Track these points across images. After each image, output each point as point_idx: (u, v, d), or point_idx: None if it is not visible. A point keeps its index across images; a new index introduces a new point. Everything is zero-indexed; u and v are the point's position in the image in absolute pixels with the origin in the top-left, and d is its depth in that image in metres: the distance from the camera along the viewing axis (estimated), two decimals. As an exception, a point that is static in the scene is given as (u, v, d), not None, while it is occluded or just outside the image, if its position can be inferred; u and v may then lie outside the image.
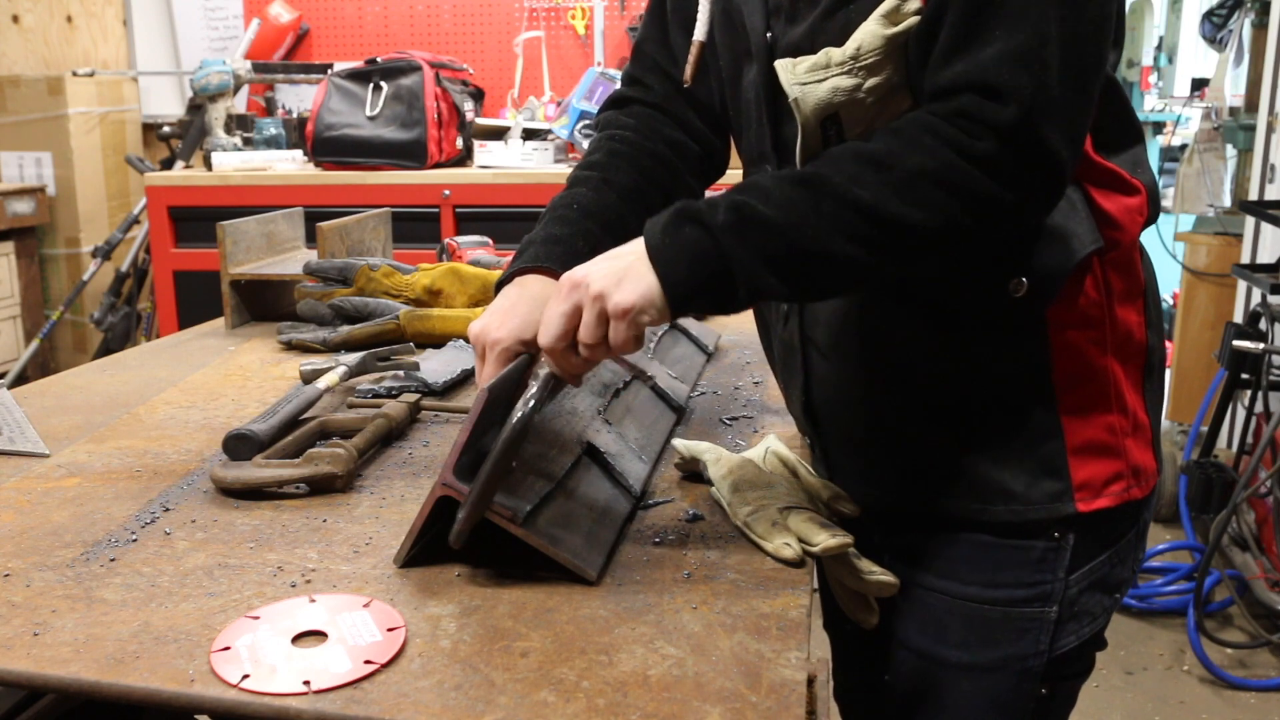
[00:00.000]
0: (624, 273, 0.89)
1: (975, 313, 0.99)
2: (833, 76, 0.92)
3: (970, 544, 1.05)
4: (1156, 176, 1.04)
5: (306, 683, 0.77)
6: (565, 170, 3.09)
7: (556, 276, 0.98)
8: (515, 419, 0.88)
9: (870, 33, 0.91)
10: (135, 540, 1.02)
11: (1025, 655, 1.05)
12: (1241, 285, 3.46)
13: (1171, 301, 4.10)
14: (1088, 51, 0.87)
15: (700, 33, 1.12)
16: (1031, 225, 0.95)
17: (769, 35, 1.02)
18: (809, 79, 0.92)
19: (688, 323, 1.68)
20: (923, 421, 1.04)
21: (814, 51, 0.96)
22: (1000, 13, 0.85)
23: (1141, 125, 1.04)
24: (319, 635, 0.84)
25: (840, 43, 0.93)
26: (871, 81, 0.91)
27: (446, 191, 3.10)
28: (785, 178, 0.89)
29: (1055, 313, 0.98)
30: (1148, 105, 4.76)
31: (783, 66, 0.94)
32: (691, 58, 1.14)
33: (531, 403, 0.89)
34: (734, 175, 1.08)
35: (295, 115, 3.66)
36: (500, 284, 1.04)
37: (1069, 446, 1.00)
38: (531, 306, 0.98)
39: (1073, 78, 0.86)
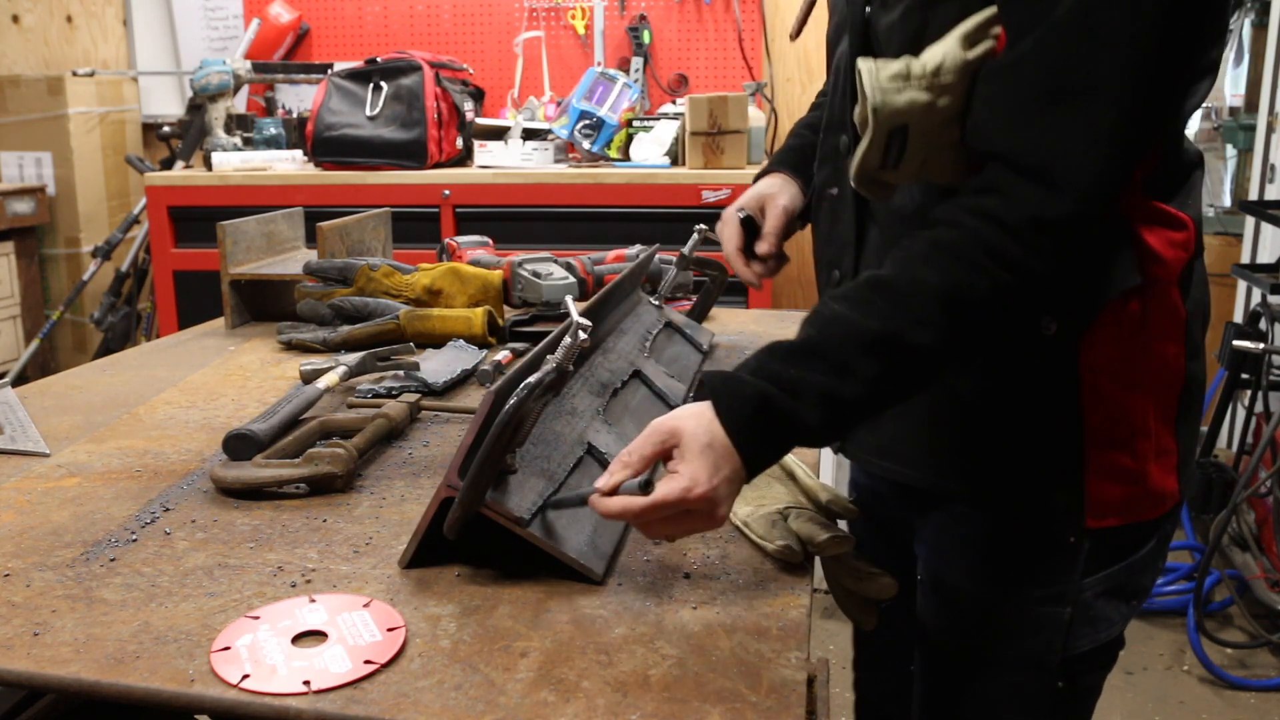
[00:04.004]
0: (733, 499, 0.89)
1: (1006, 346, 0.99)
2: (910, 89, 0.91)
3: (986, 540, 1.07)
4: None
5: (306, 683, 0.77)
6: (565, 170, 3.10)
7: (789, 176, 1.32)
8: (507, 407, 0.88)
9: (952, 53, 0.90)
10: (135, 540, 1.02)
11: (1040, 651, 1.06)
12: (1241, 285, 3.46)
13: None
14: (1158, 122, 0.87)
15: None
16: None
17: (867, 10, 1.03)
18: (890, 87, 0.91)
19: (683, 322, 1.68)
20: (948, 418, 1.05)
21: (890, 46, 0.97)
22: (1083, 82, 0.84)
23: (1199, 154, 1.01)
24: (319, 635, 0.84)
25: (912, 45, 0.93)
26: (944, 101, 0.90)
27: (446, 191, 3.10)
28: (858, 341, 0.88)
29: (1086, 351, 0.97)
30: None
31: (867, 69, 0.93)
32: (800, 11, 1.22)
33: (525, 390, 0.89)
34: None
35: (295, 115, 3.66)
36: (755, 179, 1.37)
37: (1089, 466, 1.00)
38: (756, 194, 1.33)
39: (1135, 155, 0.87)
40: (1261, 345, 2.70)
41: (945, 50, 0.91)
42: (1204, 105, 3.98)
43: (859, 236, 1.10)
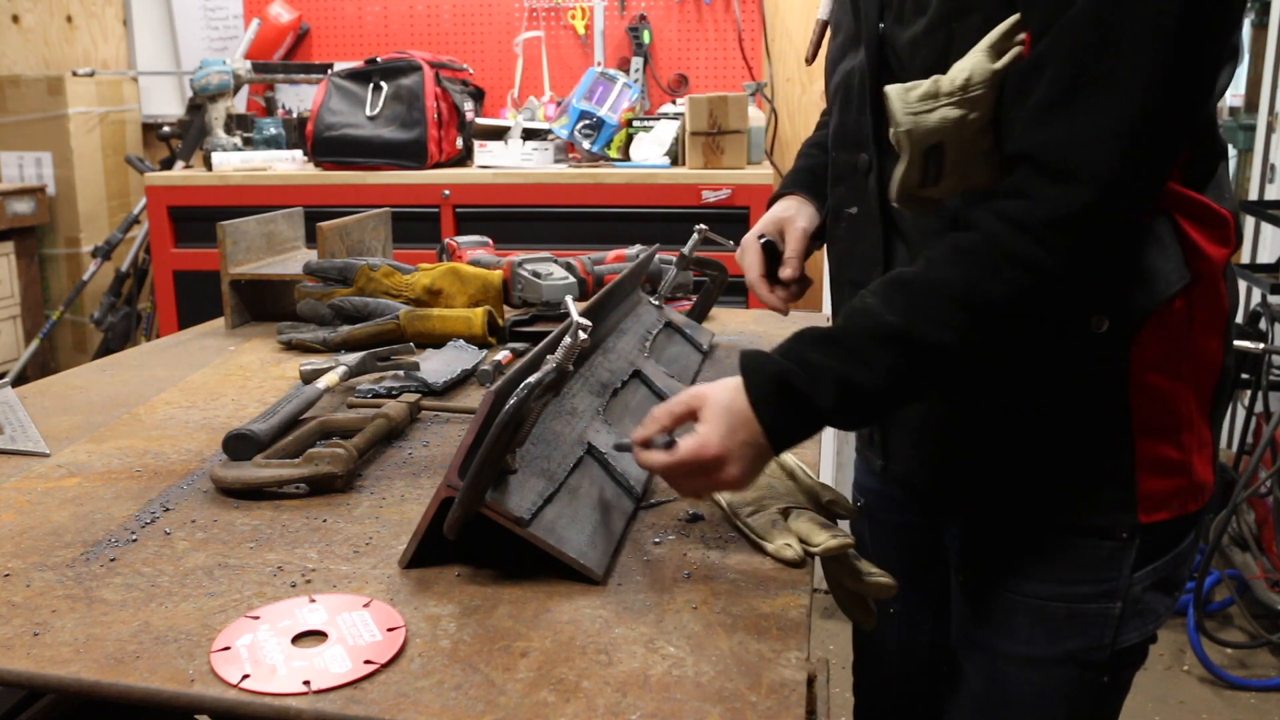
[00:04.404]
0: (754, 464, 0.95)
1: (1057, 346, 0.99)
2: (941, 106, 0.91)
3: (1036, 542, 1.06)
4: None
5: (306, 683, 0.77)
6: (565, 170, 3.09)
7: (805, 198, 1.30)
8: (507, 407, 0.88)
9: (979, 65, 0.90)
10: (135, 540, 1.02)
11: (1090, 649, 1.06)
12: (1242, 285, 3.46)
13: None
14: (1185, 115, 0.87)
15: (824, 11, 1.19)
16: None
17: (881, 25, 1.03)
18: (920, 108, 0.92)
19: (682, 322, 1.68)
20: (995, 424, 1.05)
21: (914, 63, 0.97)
22: (1103, 77, 0.84)
23: (1224, 142, 1.02)
24: (319, 635, 0.84)
25: (939, 61, 0.94)
26: (974, 114, 0.91)
27: (446, 191, 3.10)
28: (873, 335, 0.91)
29: (1136, 346, 0.98)
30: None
31: (895, 94, 0.94)
32: (813, 36, 1.22)
33: (526, 390, 0.90)
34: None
35: (295, 115, 3.66)
36: (769, 204, 1.36)
37: (1139, 460, 1.01)
38: (774, 218, 1.32)
39: (1164, 148, 0.87)
40: (1261, 345, 2.70)
41: (973, 64, 0.90)
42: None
43: (886, 253, 1.10)
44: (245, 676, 0.78)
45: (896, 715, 1.39)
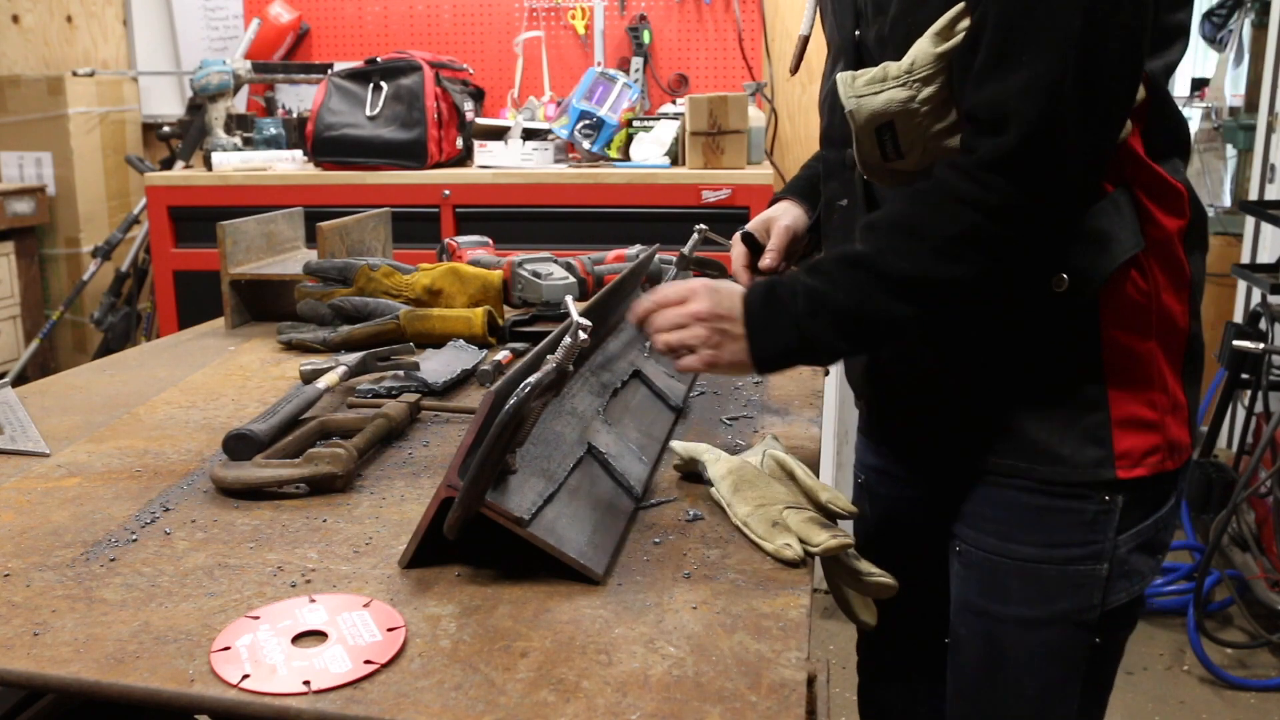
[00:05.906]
0: (722, 322, 1.10)
1: (1025, 304, 1.06)
2: (889, 89, 1.02)
3: (1026, 507, 1.11)
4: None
5: (306, 683, 0.77)
6: (565, 170, 3.09)
7: (795, 201, 1.40)
8: (507, 407, 0.88)
9: (923, 50, 0.99)
10: (135, 540, 1.02)
11: (1080, 609, 1.11)
12: (1241, 285, 3.47)
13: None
14: (1113, 73, 0.95)
15: (805, 27, 1.26)
16: (1055, 230, 1.02)
17: (857, 34, 1.11)
18: (866, 91, 1.03)
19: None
20: (978, 387, 1.12)
21: (882, 60, 1.04)
22: (1024, 41, 0.94)
23: (1189, 136, 1.12)
24: (319, 635, 0.84)
25: (901, 52, 1.02)
26: (925, 93, 1.00)
27: (446, 191, 3.10)
28: (843, 260, 1.05)
29: (1105, 303, 1.05)
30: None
31: (843, 80, 1.04)
32: (796, 49, 1.30)
33: (526, 389, 0.90)
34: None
35: (295, 115, 3.66)
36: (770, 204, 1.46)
37: (1114, 419, 1.07)
38: (762, 217, 1.42)
39: (1093, 102, 0.94)
40: (1261, 345, 2.70)
41: (918, 49, 1.00)
42: (1204, 105, 3.99)
43: None
44: (245, 676, 0.78)
45: (901, 687, 1.43)
